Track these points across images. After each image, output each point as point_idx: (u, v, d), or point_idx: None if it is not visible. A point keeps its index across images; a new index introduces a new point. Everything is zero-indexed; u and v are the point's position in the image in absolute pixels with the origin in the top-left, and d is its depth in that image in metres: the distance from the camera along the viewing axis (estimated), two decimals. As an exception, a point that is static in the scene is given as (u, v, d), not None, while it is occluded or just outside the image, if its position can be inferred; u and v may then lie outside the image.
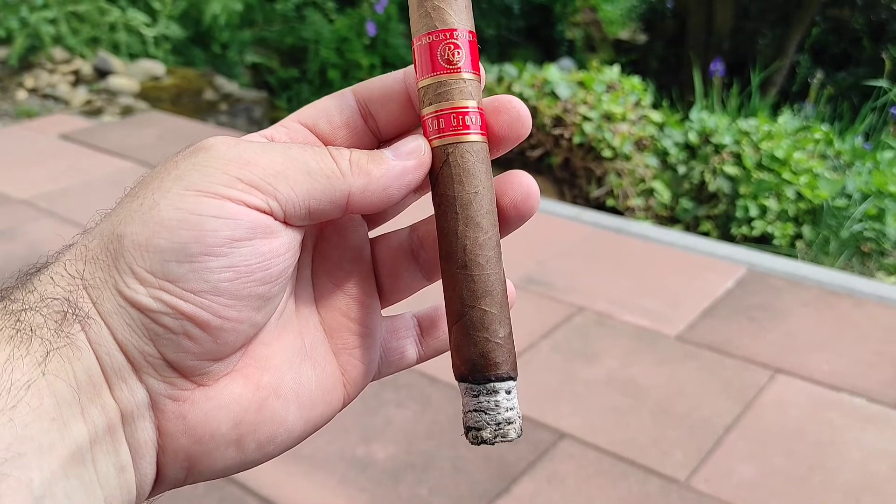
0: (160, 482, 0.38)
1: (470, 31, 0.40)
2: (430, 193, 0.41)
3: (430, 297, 0.44)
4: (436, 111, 0.39)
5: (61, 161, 3.25)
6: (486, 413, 0.38)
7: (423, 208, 0.42)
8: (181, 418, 0.36)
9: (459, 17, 0.39)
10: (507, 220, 0.41)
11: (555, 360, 1.96)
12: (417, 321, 0.45)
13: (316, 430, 0.41)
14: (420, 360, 0.45)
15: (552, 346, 2.02)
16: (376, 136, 0.42)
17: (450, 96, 0.39)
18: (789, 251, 2.92)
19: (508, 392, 0.39)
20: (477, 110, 0.39)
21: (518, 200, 0.41)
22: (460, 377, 0.39)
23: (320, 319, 0.42)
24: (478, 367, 0.38)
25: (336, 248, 0.43)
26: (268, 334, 0.40)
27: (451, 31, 0.39)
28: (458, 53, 0.39)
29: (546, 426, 1.74)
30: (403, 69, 0.42)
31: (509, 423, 0.38)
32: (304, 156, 0.37)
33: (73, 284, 0.35)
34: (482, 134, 0.40)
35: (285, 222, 0.37)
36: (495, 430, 0.38)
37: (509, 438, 0.38)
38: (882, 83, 3.99)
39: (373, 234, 0.45)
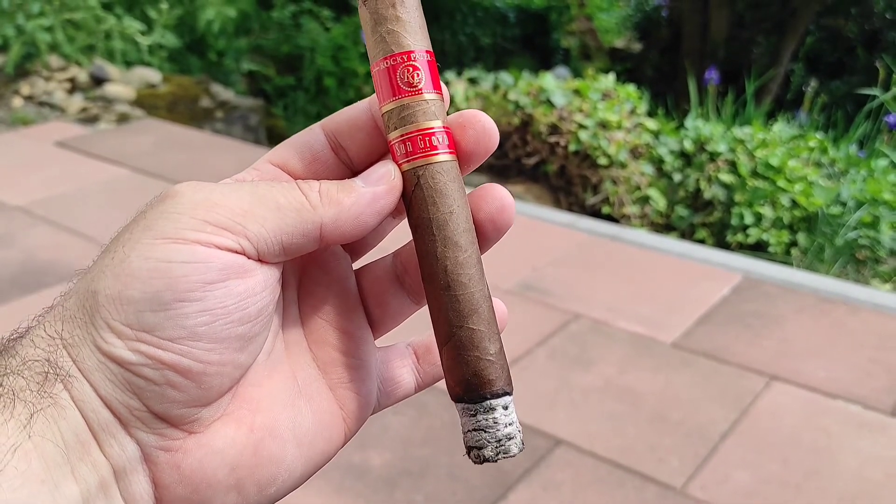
0: None
1: (427, 52, 0.39)
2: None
3: (423, 322, 0.44)
4: (401, 135, 0.39)
5: (57, 168, 3.25)
6: (485, 431, 0.38)
7: (405, 233, 0.42)
8: (175, 468, 0.36)
9: (415, 39, 0.39)
10: (485, 234, 0.41)
11: (550, 368, 1.96)
12: (413, 349, 0.45)
13: (319, 468, 0.41)
14: (419, 388, 0.45)
15: (548, 354, 2.02)
16: (349, 167, 0.42)
17: (414, 119, 0.39)
18: (784, 258, 2.93)
19: (506, 407, 0.38)
20: (443, 129, 0.39)
21: (494, 214, 0.40)
22: (456, 398, 0.39)
23: (313, 356, 0.42)
24: (472, 387, 0.38)
25: (320, 283, 0.42)
26: (257, 375, 0.39)
27: (408, 52, 0.39)
28: (418, 75, 0.39)
29: (542, 433, 1.74)
30: (368, 98, 0.42)
31: (510, 439, 0.38)
32: (272, 192, 0.37)
33: (53, 345, 0.34)
34: (451, 153, 0.39)
35: (259, 260, 0.37)
36: (496, 447, 0.38)
37: (511, 454, 0.38)
38: (876, 91, 4.01)
39: (356, 264, 0.45)
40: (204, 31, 4.84)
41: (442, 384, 0.42)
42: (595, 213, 3.33)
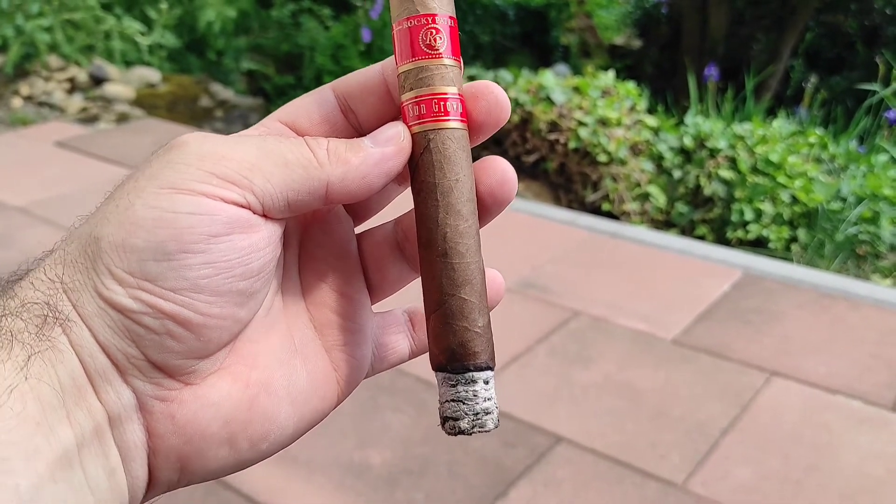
0: (153, 485, 0.37)
1: (451, 17, 0.39)
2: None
3: (420, 291, 0.44)
4: (416, 97, 0.39)
5: (57, 168, 3.25)
6: (463, 403, 0.38)
7: (408, 201, 0.42)
8: (170, 418, 0.36)
9: (441, 3, 0.39)
10: (485, 207, 0.40)
11: (551, 365, 1.96)
12: (408, 316, 0.45)
13: (310, 428, 0.41)
14: (412, 354, 0.45)
15: (548, 351, 2.02)
16: (357, 130, 0.42)
17: (430, 82, 0.38)
18: (785, 254, 2.93)
19: (486, 382, 0.38)
20: (458, 97, 0.39)
21: (494, 187, 0.40)
22: (438, 366, 0.39)
23: (310, 316, 0.42)
24: (456, 357, 0.38)
25: (321, 244, 0.42)
26: (255, 331, 0.39)
27: (433, 15, 0.38)
28: (440, 38, 0.39)
29: (542, 430, 1.74)
30: (381, 62, 0.41)
31: (487, 414, 0.38)
32: (279, 147, 0.37)
33: (53, 288, 0.34)
34: (462, 121, 0.39)
35: (264, 215, 0.37)
36: (473, 420, 0.38)
37: (486, 429, 0.38)
38: (876, 87, 4.00)
39: (358, 229, 0.45)
40: (204, 32, 4.84)
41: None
42: (595, 210, 3.33)
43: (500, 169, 0.40)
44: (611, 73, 3.78)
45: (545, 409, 1.81)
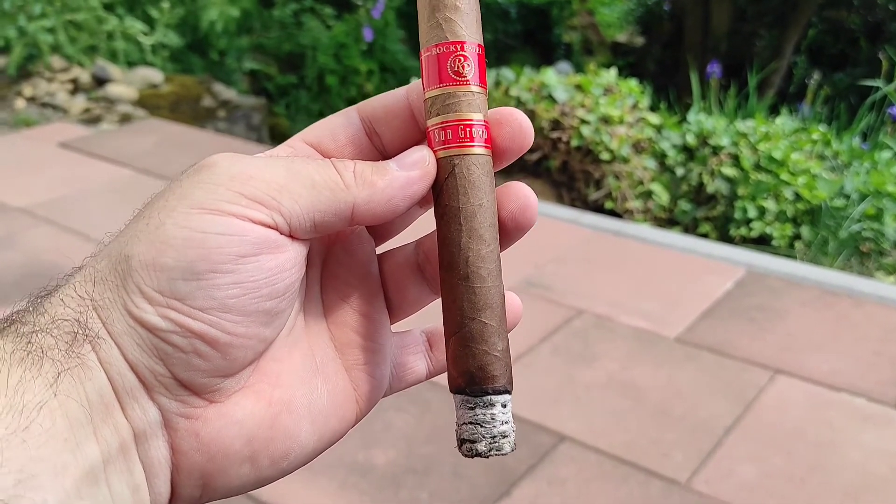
0: (175, 500, 0.38)
1: (479, 45, 0.40)
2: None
3: (440, 311, 0.45)
4: (442, 122, 0.39)
5: (60, 169, 3.25)
6: (481, 426, 0.38)
7: (429, 223, 0.42)
8: (194, 436, 0.37)
9: (470, 30, 0.39)
10: (506, 232, 0.41)
11: (554, 363, 1.96)
12: (426, 336, 0.46)
13: (329, 446, 0.42)
14: (430, 375, 0.46)
15: (551, 349, 2.02)
16: (381, 152, 0.42)
17: (457, 108, 0.39)
18: (788, 252, 2.92)
19: (504, 406, 0.39)
20: (483, 123, 0.39)
21: (516, 213, 0.41)
22: (456, 389, 0.39)
23: (331, 336, 0.42)
24: (475, 380, 0.38)
25: (343, 264, 0.43)
26: (278, 350, 0.40)
27: (461, 43, 0.39)
28: (468, 66, 0.39)
29: (546, 429, 1.74)
30: (406, 86, 0.42)
31: (504, 437, 0.38)
32: (307, 169, 0.37)
33: (84, 305, 0.35)
34: (487, 147, 0.40)
35: (291, 236, 0.37)
36: (490, 443, 0.38)
37: (503, 452, 0.38)
38: (879, 83, 3.99)
39: (379, 250, 0.45)
40: (207, 32, 4.84)
41: (443, 381, 0.42)
42: (598, 208, 3.33)
43: (523, 195, 0.41)
44: (613, 71, 3.77)
45: (548, 407, 1.81)
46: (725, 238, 3.08)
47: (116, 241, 0.37)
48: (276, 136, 4.52)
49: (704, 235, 3.10)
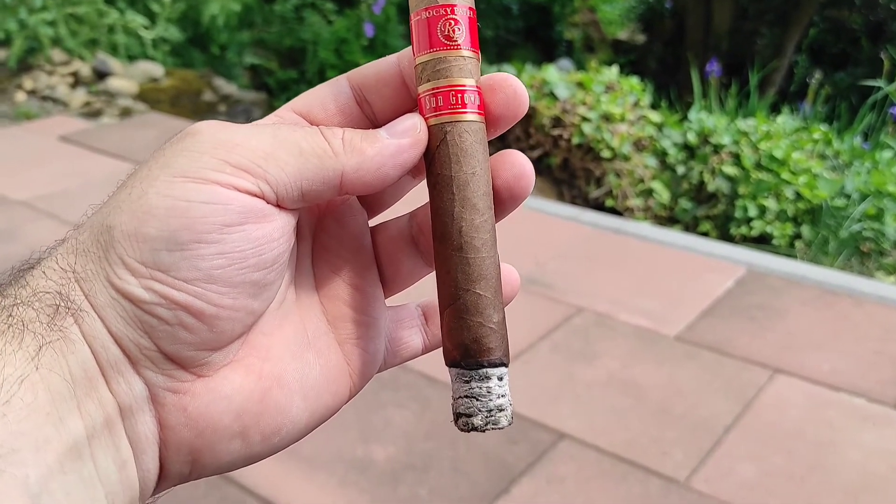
0: (164, 478, 0.37)
1: (470, 8, 0.39)
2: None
3: (434, 286, 0.44)
4: (433, 88, 0.38)
5: (60, 162, 3.25)
6: (477, 399, 0.37)
7: (423, 195, 0.42)
8: (182, 410, 0.36)
9: None
10: (501, 201, 0.40)
11: (554, 361, 1.96)
12: (422, 310, 0.45)
13: (322, 422, 0.41)
14: (426, 349, 0.45)
15: (552, 347, 2.02)
16: (372, 121, 0.41)
17: (448, 73, 0.38)
18: (788, 251, 2.92)
19: (500, 378, 0.38)
20: (475, 89, 0.38)
21: (511, 181, 0.40)
22: (451, 362, 0.38)
23: (323, 310, 0.42)
24: (470, 352, 0.37)
25: (335, 237, 0.42)
26: (268, 324, 0.39)
27: (451, 6, 0.38)
28: (458, 30, 0.38)
29: (545, 427, 1.74)
30: (397, 53, 0.41)
31: (500, 411, 0.37)
32: (294, 136, 0.37)
33: (65, 278, 0.34)
34: (480, 114, 0.39)
35: (278, 205, 0.36)
36: (486, 416, 0.37)
37: (500, 426, 0.37)
38: (880, 83, 3.99)
39: (372, 222, 0.44)
40: (208, 26, 4.83)
41: (446, 378, 0.41)
42: (598, 206, 3.33)
43: (518, 163, 0.40)
44: (614, 69, 3.77)
45: (548, 405, 1.81)
46: (726, 237, 3.08)
47: (99, 212, 0.36)
48: (277, 131, 4.51)
49: (705, 234, 3.10)
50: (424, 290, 0.43)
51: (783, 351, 2.00)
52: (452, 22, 0.38)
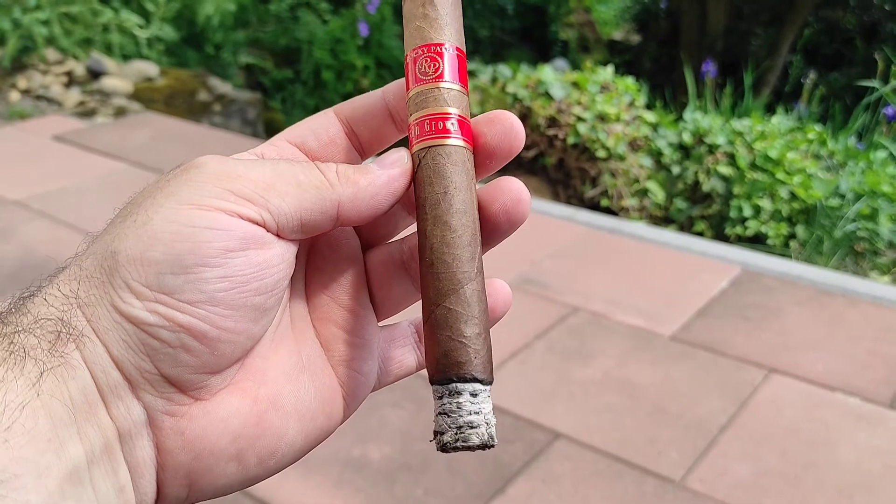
0: (161, 501, 0.37)
1: (457, 48, 0.41)
2: None
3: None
4: (416, 119, 0.40)
5: (54, 162, 3.24)
6: (448, 416, 0.36)
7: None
8: (179, 434, 0.36)
9: (441, 34, 0.40)
10: (499, 226, 0.41)
11: (549, 361, 1.96)
12: (415, 328, 0.46)
13: (317, 444, 0.42)
14: (420, 366, 0.46)
15: (547, 347, 2.02)
16: (360, 152, 0.43)
17: (429, 103, 0.40)
18: (783, 251, 2.93)
19: (474, 395, 0.37)
20: (457, 117, 0.40)
21: (509, 206, 0.41)
22: (430, 379, 0.38)
23: (316, 332, 0.42)
24: (441, 367, 0.37)
25: (328, 260, 0.43)
26: (264, 347, 0.40)
27: (430, 45, 0.40)
28: (436, 65, 0.40)
29: (541, 426, 1.74)
30: (383, 87, 0.43)
31: (472, 427, 0.36)
32: (292, 169, 0.38)
33: (67, 304, 0.35)
34: (462, 139, 0.40)
35: (278, 234, 0.37)
36: (455, 433, 0.36)
37: (470, 443, 0.36)
38: (875, 83, 4.00)
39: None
40: (203, 25, 4.82)
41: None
42: (594, 205, 3.33)
43: (515, 189, 0.41)
44: (609, 69, 3.77)
45: (544, 405, 1.81)
46: (721, 237, 3.08)
47: (101, 238, 0.37)
48: (272, 131, 4.51)
49: (700, 234, 3.11)
50: (417, 313, 0.44)
51: (778, 351, 2.00)
52: (430, 59, 0.40)
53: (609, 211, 3.28)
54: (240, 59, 5.03)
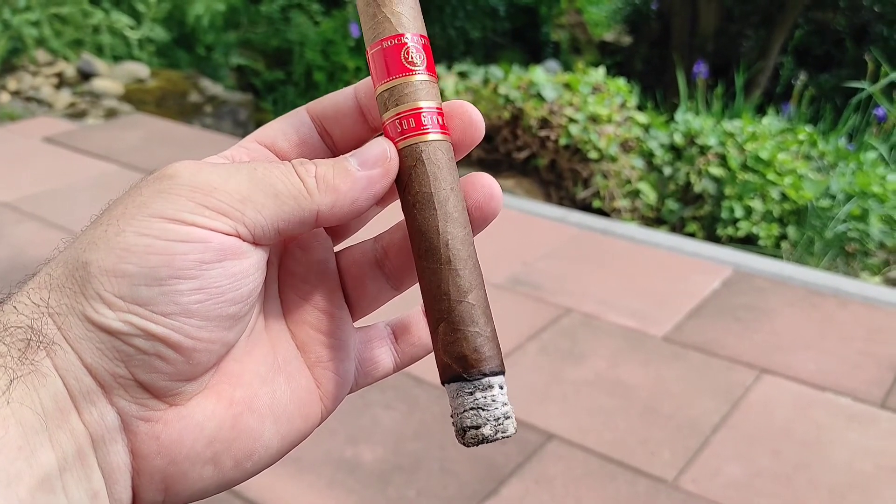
0: None
1: (422, 36, 0.40)
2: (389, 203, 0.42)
3: (402, 302, 0.44)
4: (398, 113, 0.39)
5: (45, 164, 3.23)
6: (484, 409, 0.38)
7: (385, 219, 0.42)
8: (154, 439, 0.36)
9: (409, 23, 0.40)
10: (472, 220, 0.41)
11: (542, 362, 1.96)
12: (391, 329, 0.45)
13: (294, 447, 0.41)
14: (397, 368, 0.45)
15: (539, 348, 2.02)
16: (332, 150, 0.43)
17: (411, 97, 0.39)
18: (774, 252, 2.94)
19: (501, 387, 0.38)
20: (437, 110, 0.40)
21: (482, 202, 0.41)
22: (452, 377, 0.39)
23: (291, 334, 0.42)
24: (470, 363, 0.38)
25: (301, 262, 0.43)
26: (238, 350, 0.39)
27: (401, 35, 0.40)
28: (415, 55, 0.40)
29: (534, 427, 1.74)
30: (353, 85, 0.42)
31: (507, 418, 0.38)
32: (270, 177, 0.37)
33: (38, 312, 0.34)
34: (445, 133, 0.40)
35: (254, 242, 0.37)
36: (495, 425, 0.38)
37: (508, 434, 0.38)
38: (864, 84, 4.02)
39: (337, 248, 0.45)
40: (193, 26, 4.81)
41: (433, 378, 0.42)
42: (586, 206, 3.33)
43: (487, 184, 0.41)
44: (601, 70, 3.78)
45: (536, 406, 1.81)
46: (712, 237, 3.09)
47: (72, 247, 0.36)
48: (263, 133, 4.49)
49: (691, 235, 3.12)
50: (394, 307, 0.43)
51: (770, 351, 2.01)
52: (408, 48, 0.40)
53: (601, 212, 3.28)
54: (231, 60, 5.02)
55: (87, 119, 3.81)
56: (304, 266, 0.42)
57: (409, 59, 0.39)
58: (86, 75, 4.21)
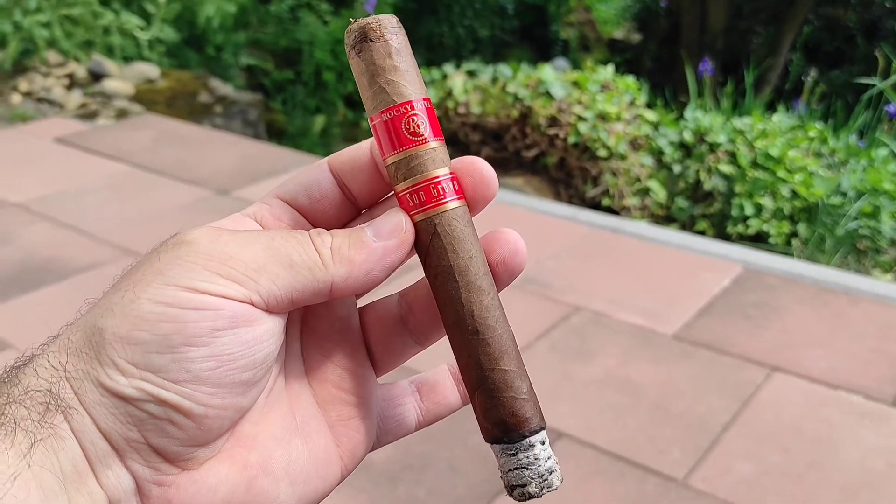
0: None
1: (425, 99, 0.39)
2: (409, 262, 0.41)
3: (430, 358, 0.44)
4: (411, 185, 0.39)
5: (56, 165, 3.24)
6: (527, 469, 0.39)
7: (408, 273, 0.42)
8: (167, 503, 0.36)
9: (413, 87, 0.39)
10: (497, 276, 0.41)
11: (552, 360, 1.96)
12: (416, 387, 0.45)
13: None
14: (419, 425, 0.45)
15: (549, 346, 2.02)
16: (354, 204, 0.43)
17: (423, 168, 0.39)
18: (785, 249, 2.93)
19: (543, 442, 0.39)
20: (450, 176, 0.39)
21: (507, 257, 0.41)
22: (493, 440, 0.39)
23: (313, 393, 0.42)
24: (510, 427, 0.39)
25: (323, 320, 0.42)
26: (255, 413, 0.39)
27: (409, 102, 0.39)
28: (421, 124, 0.39)
29: (543, 426, 1.74)
30: (368, 140, 0.42)
31: (551, 473, 0.39)
32: (286, 247, 0.37)
33: (56, 376, 0.35)
34: (460, 198, 0.40)
35: (267, 311, 0.37)
36: (540, 482, 0.38)
37: (554, 487, 0.39)
38: (875, 81, 4.00)
39: (360, 302, 0.45)
40: (203, 27, 4.83)
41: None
42: (595, 205, 3.33)
43: (512, 240, 0.41)
44: (610, 68, 3.77)
45: (546, 404, 1.80)
46: (722, 235, 3.08)
47: (91, 311, 0.37)
48: (273, 132, 4.51)
49: (701, 233, 3.11)
50: (422, 362, 0.43)
51: (780, 349, 2.00)
52: (414, 118, 0.39)
53: (611, 210, 3.28)
54: (241, 60, 5.04)
55: (98, 120, 3.83)
56: (326, 324, 0.42)
57: (413, 131, 0.39)
58: (96, 76, 4.23)
